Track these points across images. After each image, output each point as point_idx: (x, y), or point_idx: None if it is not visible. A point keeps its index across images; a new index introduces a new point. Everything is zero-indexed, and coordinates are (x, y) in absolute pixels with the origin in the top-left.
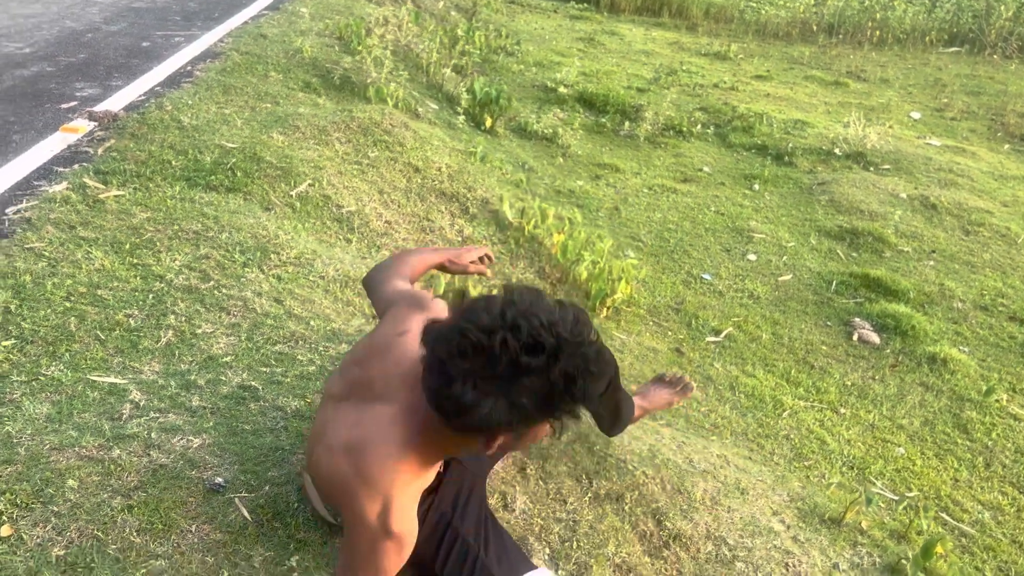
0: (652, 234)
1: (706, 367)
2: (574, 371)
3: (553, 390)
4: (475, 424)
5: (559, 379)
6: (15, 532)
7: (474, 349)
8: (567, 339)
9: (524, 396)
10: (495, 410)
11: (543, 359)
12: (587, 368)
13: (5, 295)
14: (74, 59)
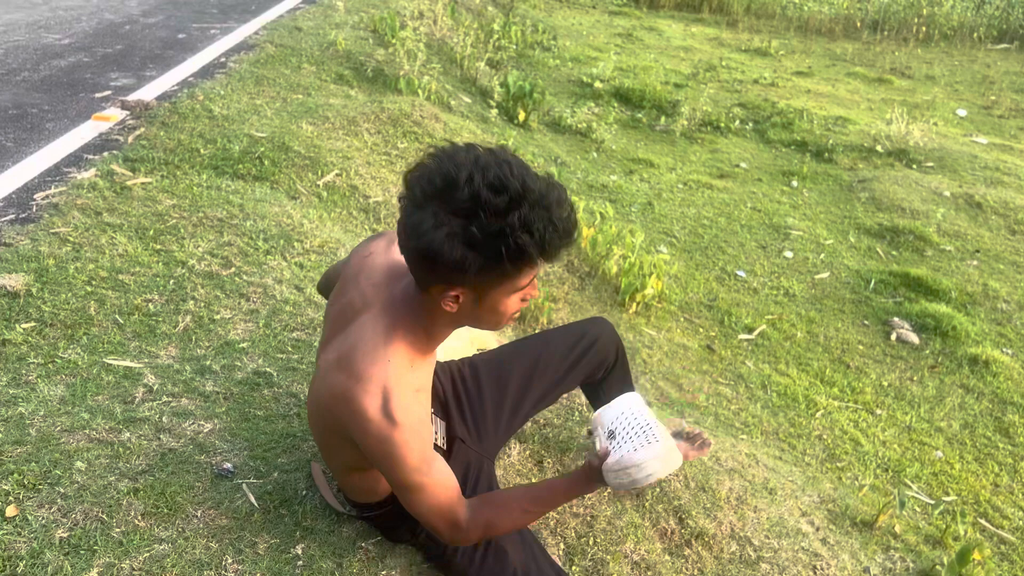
0: (686, 230)
1: (737, 365)
2: (535, 221)
3: (509, 234)
4: (429, 253)
5: (517, 224)
6: (20, 513)
7: (442, 178)
8: (534, 190)
9: (479, 232)
10: (449, 242)
11: (505, 199)
12: (550, 221)
13: (28, 278)
14: (111, 50)
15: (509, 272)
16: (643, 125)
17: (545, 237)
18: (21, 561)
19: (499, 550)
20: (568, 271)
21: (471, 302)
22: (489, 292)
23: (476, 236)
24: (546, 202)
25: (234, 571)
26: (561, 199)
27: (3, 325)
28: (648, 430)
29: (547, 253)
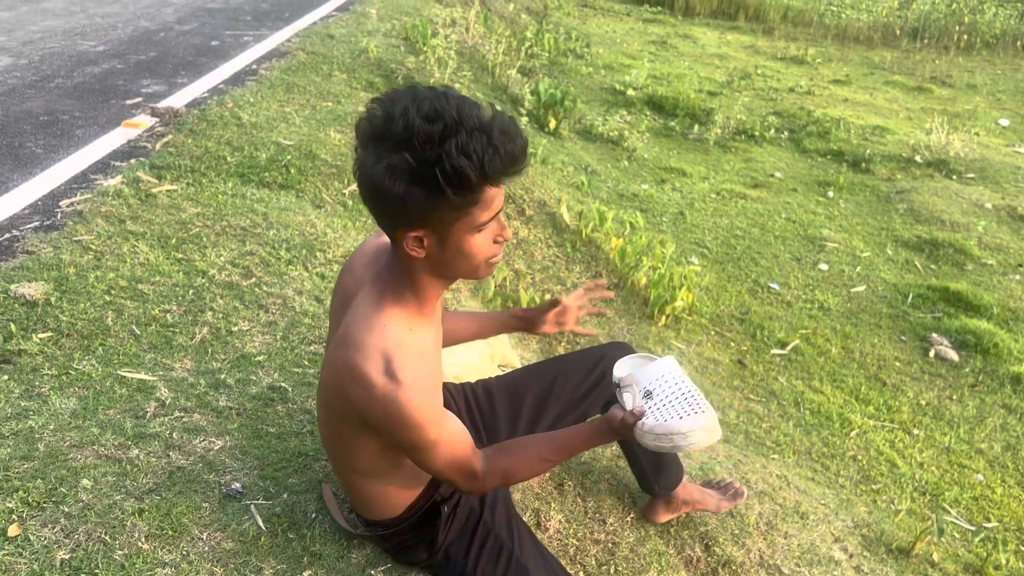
0: (718, 241)
1: (770, 381)
2: (472, 144)
3: (444, 159)
4: (375, 191)
5: (453, 150)
6: (22, 532)
7: (380, 116)
8: (472, 117)
9: (414, 161)
10: (389, 175)
11: (439, 127)
12: (490, 144)
13: (47, 287)
14: (144, 57)
15: (456, 203)
16: (676, 133)
17: (484, 159)
18: None
19: (520, 568)
20: None
21: (436, 244)
22: (449, 231)
23: (412, 166)
24: (486, 128)
25: None
26: (506, 128)
27: (20, 335)
28: (692, 398)
29: (488, 176)
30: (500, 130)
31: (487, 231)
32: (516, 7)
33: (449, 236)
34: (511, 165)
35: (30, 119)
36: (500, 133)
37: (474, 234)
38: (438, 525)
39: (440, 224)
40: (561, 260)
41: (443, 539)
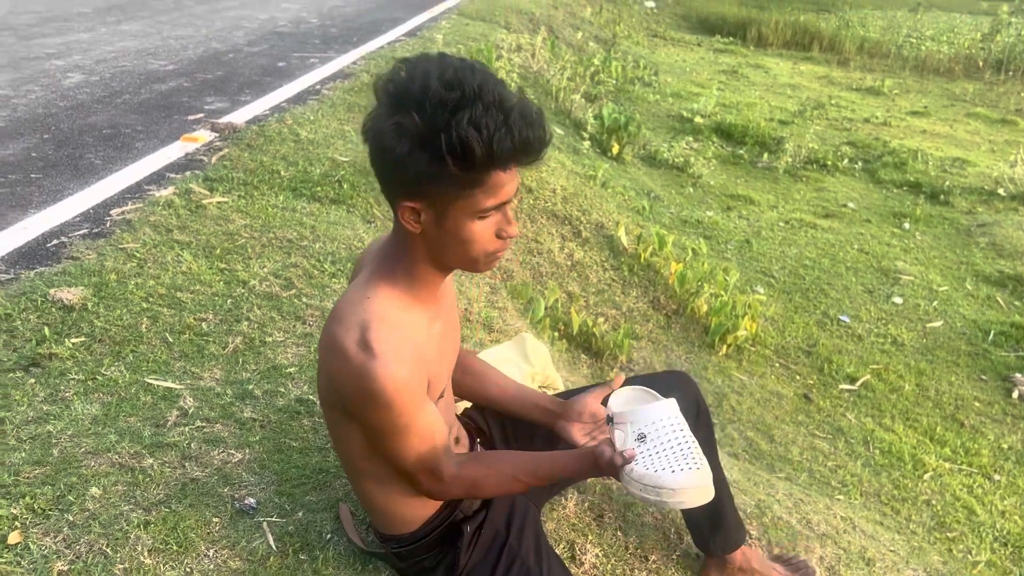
0: (786, 270)
1: (837, 417)
2: (486, 119)
3: (453, 127)
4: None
5: (464, 120)
6: (23, 540)
7: (405, 76)
8: (492, 93)
9: (421, 122)
10: (396, 133)
11: (456, 95)
12: (505, 124)
13: (86, 292)
14: (211, 76)
15: (457, 178)
16: (744, 161)
17: (494, 137)
18: None
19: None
20: (653, 307)
21: (432, 221)
22: (448, 209)
23: (420, 128)
24: (505, 108)
25: None
26: (527, 113)
27: (53, 339)
28: (688, 451)
29: (495, 156)
30: (520, 113)
31: (490, 221)
32: (584, 35)
33: (447, 215)
34: (523, 151)
35: (93, 132)
36: (519, 116)
37: (474, 220)
38: (460, 546)
39: (439, 199)
40: (617, 284)
41: (465, 562)
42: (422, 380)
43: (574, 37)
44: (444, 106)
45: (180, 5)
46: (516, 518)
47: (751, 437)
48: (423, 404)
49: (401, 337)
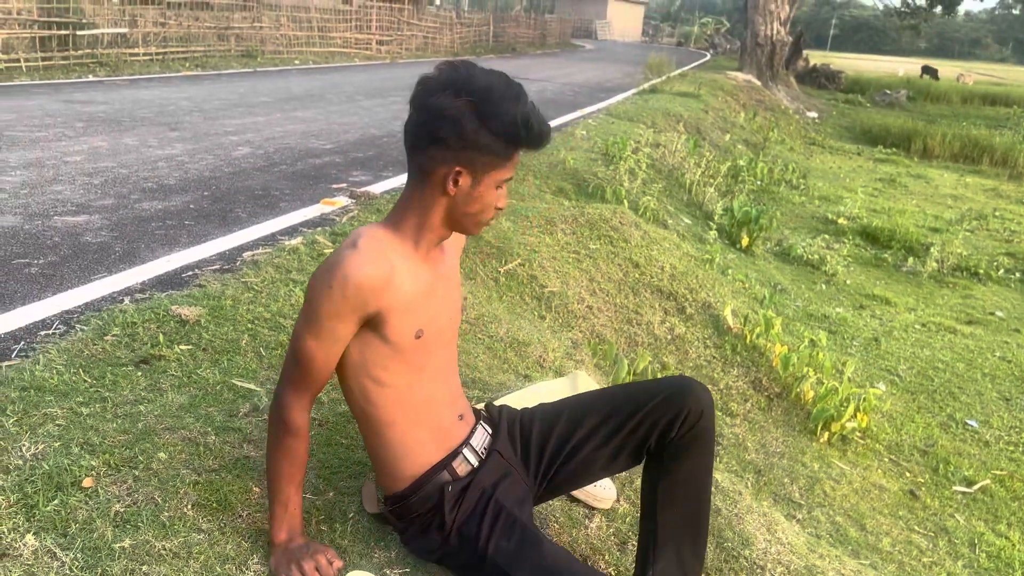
0: (914, 371)
1: (944, 517)
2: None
3: (516, 112)
4: (447, 121)
5: (527, 109)
6: (94, 485)
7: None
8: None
9: (492, 106)
10: (468, 111)
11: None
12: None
13: (202, 311)
14: (361, 155)
15: (501, 152)
16: (887, 264)
17: (540, 120)
18: (75, 524)
19: (534, 537)
20: (754, 388)
21: (468, 185)
22: (482, 177)
23: (487, 109)
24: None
25: (254, 571)
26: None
27: (165, 344)
28: None
29: (536, 133)
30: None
31: (500, 192)
32: (733, 138)
33: (481, 182)
34: (547, 139)
35: (247, 192)
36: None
37: (493, 188)
38: (445, 506)
39: (480, 168)
40: (718, 361)
41: (452, 520)
42: (374, 303)
43: (721, 139)
44: (508, 97)
45: (352, 99)
46: (504, 482)
47: (839, 522)
48: (344, 319)
49: (380, 258)
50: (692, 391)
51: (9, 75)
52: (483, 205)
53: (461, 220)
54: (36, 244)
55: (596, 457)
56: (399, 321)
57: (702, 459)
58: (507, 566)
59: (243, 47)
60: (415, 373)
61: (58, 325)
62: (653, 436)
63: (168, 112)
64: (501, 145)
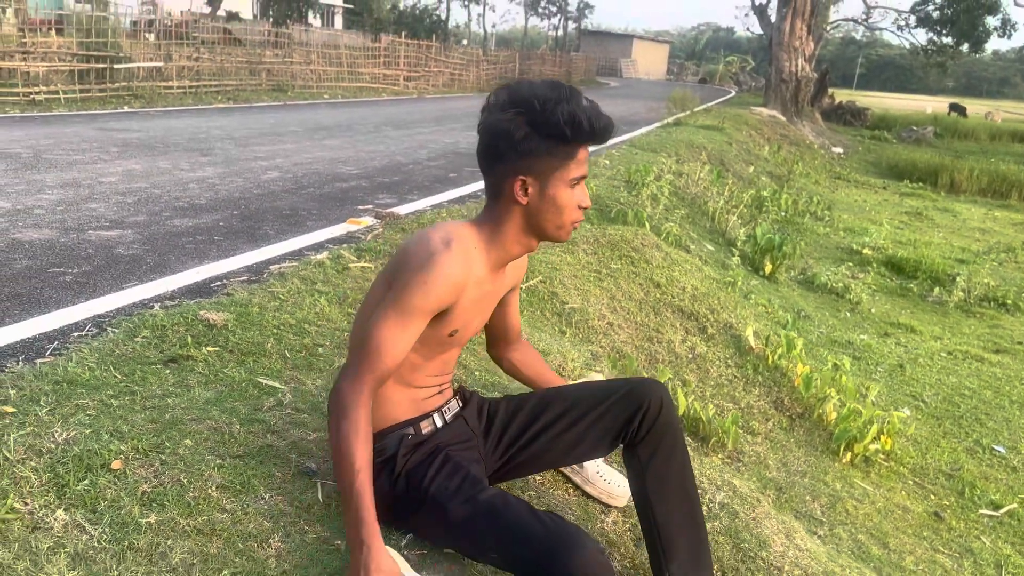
0: (939, 397)
1: (969, 539)
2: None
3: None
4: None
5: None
6: (123, 467)
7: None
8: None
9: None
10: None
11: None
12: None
13: (230, 316)
14: (387, 180)
15: (559, 152)
16: (913, 294)
17: (591, 116)
18: (104, 502)
19: (475, 480)
20: (776, 408)
21: (537, 191)
22: (550, 179)
23: (535, 114)
24: (589, 102)
25: (275, 549)
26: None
27: (193, 345)
28: None
29: (593, 129)
30: (595, 106)
31: (576, 191)
32: (757, 170)
33: (549, 184)
34: (605, 130)
35: (275, 212)
36: (597, 109)
37: (567, 188)
38: (398, 454)
39: (544, 171)
40: (739, 380)
41: (403, 466)
42: (451, 299)
43: (745, 171)
44: (551, 100)
45: (379, 129)
46: (460, 444)
47: (861, 540)
48: (427, 314)
49: (467, 261)
50: (648, 387)
51: (48, 106)
52: (561, 207)
53: (545, 227)
54: (71, 255)
55: (554, 445)
56: (449, 319)
57: (675, 451)
58: (445, 500)
59: (274, 81)
60: (424, 359)
61: (90, 327)
62: (613, 430)
63: (200, 139)
64: (555, 146)
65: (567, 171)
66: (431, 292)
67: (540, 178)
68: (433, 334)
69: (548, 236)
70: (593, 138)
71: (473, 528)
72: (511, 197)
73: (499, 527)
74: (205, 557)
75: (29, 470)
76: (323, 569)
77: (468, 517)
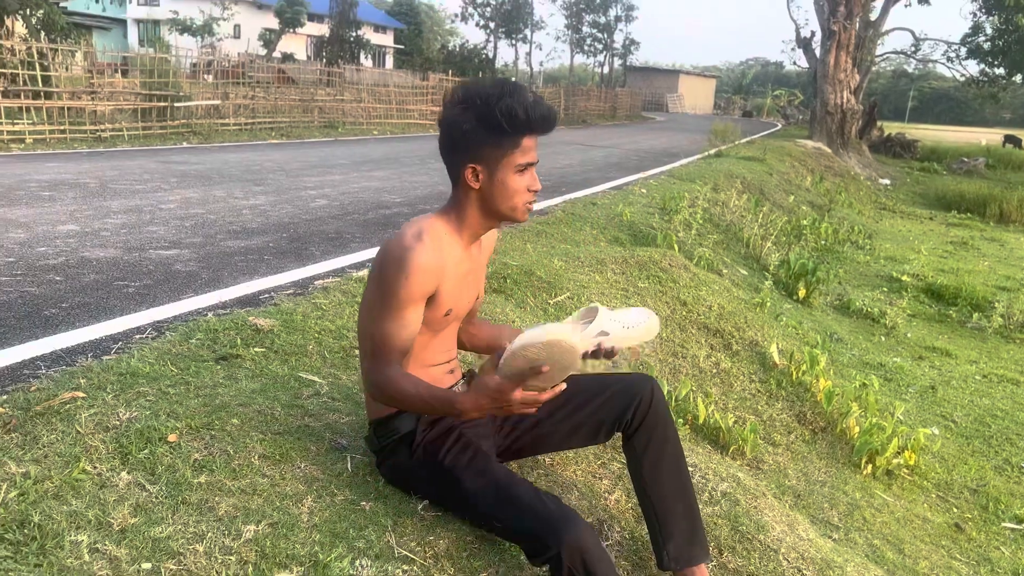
0: (970, 417)
1: (989, 549)
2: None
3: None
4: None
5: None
6: (178, 440)
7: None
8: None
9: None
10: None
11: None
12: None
13: (275, 322)
14: (429, 207)
15: (503, 140)
16: (951, 320)
17: (528, 108)
18: (161, 466)
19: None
20: (798, 421)
21: (487, 177)
22: (497, 167)
23: (480, 108)
24: (530, 95)
25: (307, 508)
26: (544, 101)
27: (241, 346)
28: None
29: (530, 120)
30: (538, 99)
31: (525, 176)
32: (797, 200)
33: (497, 171)
34: (545, 119)
35: (321, 235)
36: (539, 100)
37: (514, 174)
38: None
39: (491, 159)
40: (762, 395)
41: (421, 439)
42: (432, 284)
43: (785, 200)
44: (494, 94)
45: (424, 161)
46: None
47: (877, 545)
48: (417, 302)
49: (439, 248)
50: (641, 382)
51: (113, 142)
52: (511, 191)
53: (499, 209)
54: (134, 270)
55: (555, 431)
56: (440, 301)
57: (667, 441)
58: (459, 473)
59: (325, 118)
60: (431, 336)
61: (150, 331)
62: (609, 421)
63: (253, 171)
64: (499, 136)
65: (512, 158)
66: (413, 284)
67: (488, 165)
68: (432, 316)
69: (504, 216)
70: (531, 127)
71: (482, 500)
72: (465, 183)
73: (505, 501)
74: (247, 511)
75: (98, 441)
76: (350, 524)
77: (478, 490)
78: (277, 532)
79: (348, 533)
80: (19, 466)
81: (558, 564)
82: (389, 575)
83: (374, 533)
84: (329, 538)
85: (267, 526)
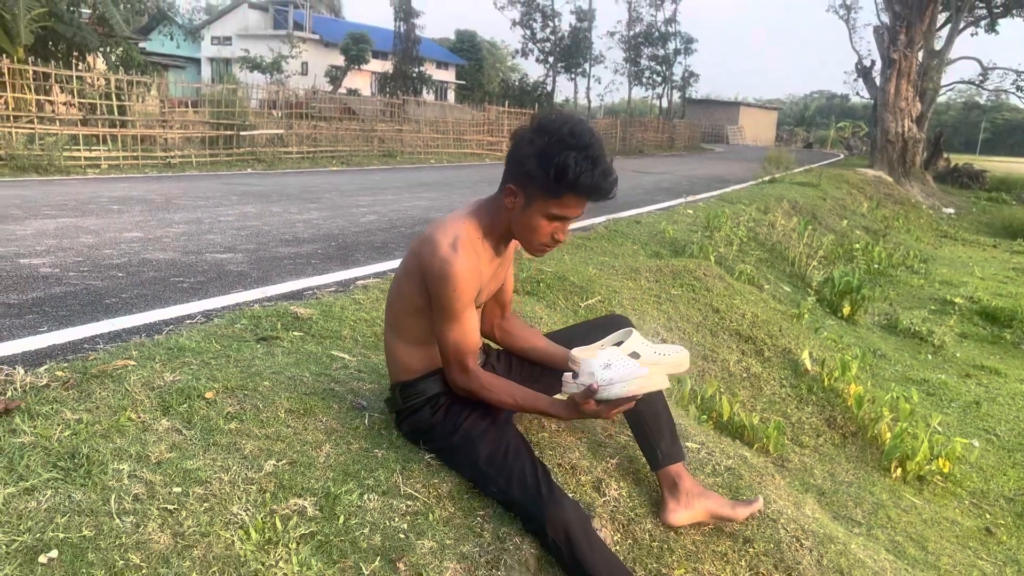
0: (1014, 432)
1: (1018, 553)
2: (582, 161)
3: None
4: (514, 150)
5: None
6: (214, 396)
7: (553, 117)
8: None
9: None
10: (529, 147)
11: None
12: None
13: (314, 311)
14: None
15: (548, 187)
16: (1005, 342)
17: (581, 173)
18: (197, 416)
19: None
20: (828, 425)
21: (520, 206)
22: (532, 203)
23: (544, 149)
24: (598, 162)
25: (325, 452)
26: (608, 173)
27: (281, 330)
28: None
29: (576, 184)
30: (604, 169)
31: (553, 225)
32: (850, 224)
33: (530, 207)
34: (595, 192)
35: (368, 244)
36: (603, 170)
37: (543, 219)
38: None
39: (531, 195)
40: (792, 399)
41: (445, 402)
42: (477, 286)
43: (838, 224)
44: (563, 143)
45: (475, 185)
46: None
47: (899, 541)
48: (469, 306)
49: (475, 253)
50: (617, 318)
51: (181, 168)
52: (532, 228)
53: (518, 234)
54: (189, 270)
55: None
56: (478, 298)
57: None
58: (474, 435)
59: (384, 148)
60: None
61: (200, 317)
62: None
63: (310, 191)
64: (547, 180)
65: (550, 206)
66: (462, 293)
67: (527, 196)
68: None
69: (521, 243)
70: (576, 191)
71: (487, 464)
72: (503, 197)
73: (506, 470)
74: (270, 452)
75: (143, 396)
76: (362, 466)
77: (486, 456)
78: (295, 469)
79: (360, 473)
80: (73, 413)
81: (544, 536)
82: (394, 508)
83: (383, 474)
84: (342, 476)
85: (287, 464)
